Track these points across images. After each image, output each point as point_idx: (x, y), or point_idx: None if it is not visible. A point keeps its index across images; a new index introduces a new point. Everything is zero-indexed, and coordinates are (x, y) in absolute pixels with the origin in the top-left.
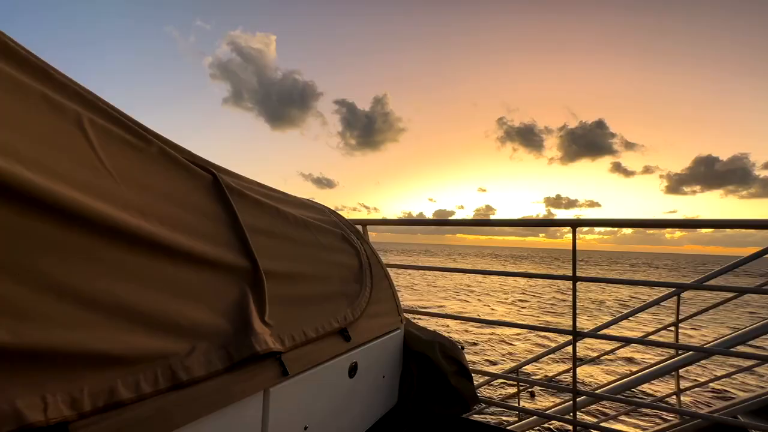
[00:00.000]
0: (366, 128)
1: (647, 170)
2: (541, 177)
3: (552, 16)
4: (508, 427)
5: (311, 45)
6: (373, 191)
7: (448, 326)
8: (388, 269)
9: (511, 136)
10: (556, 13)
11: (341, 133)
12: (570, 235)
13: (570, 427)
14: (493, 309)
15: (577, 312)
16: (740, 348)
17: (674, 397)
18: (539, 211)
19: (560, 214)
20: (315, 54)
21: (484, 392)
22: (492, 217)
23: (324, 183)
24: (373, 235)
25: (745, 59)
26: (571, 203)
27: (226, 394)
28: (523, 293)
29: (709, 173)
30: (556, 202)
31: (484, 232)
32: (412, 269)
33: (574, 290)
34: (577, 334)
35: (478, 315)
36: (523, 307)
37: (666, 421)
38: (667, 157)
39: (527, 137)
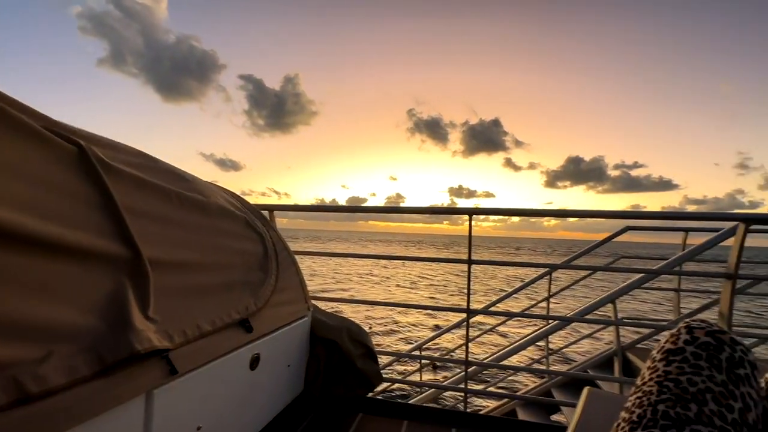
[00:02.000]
0: (276, 108)
1: (531, 166)
2: (445, 168)
3: (457, 19)
4: (409, 401)
5: (211, 10)
6: (284, 176)
7: (359, 311)
8: (296, 256)
9: (420, 127)
10: (462, 17)
11: (248, 111)
12: (475, 222)
13: (461, 395)
14: (392, 293)
15: (471, 292)
16: (589, 316)
17: (544, 359)
18: (444, 200)
19: (461, 202)
20: (216, 21)
21: (392, 370)
22: (402, 204)
23: (228, 165)
24: (284, 221)
25: (607, 68)
26: (470, 193)
27: (96, 403)
28: (423, 277)
29: (576, 171)
30: (459, 192)
31: (394, 219)
32: (321, 256)
33: (469, 272)
34: (470, 312)
35: (383, 299)
36: (426, 290)
37: (540, 378)
38: (547, 156)
39: (434, 130)
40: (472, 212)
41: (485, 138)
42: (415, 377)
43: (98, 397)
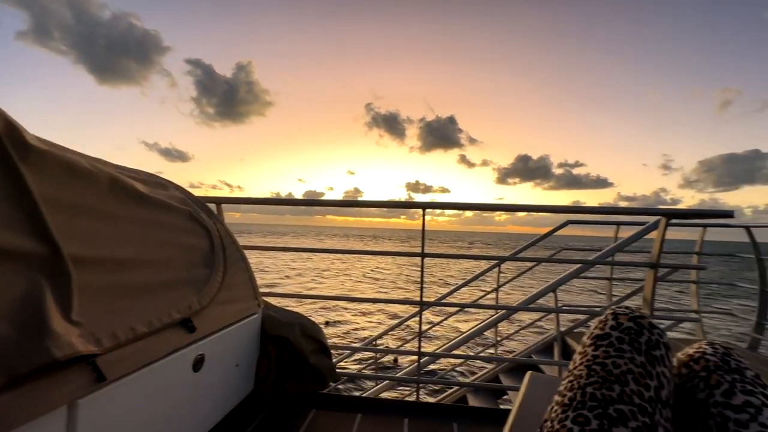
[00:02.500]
0: (227, 97)
1: (484, 163)
2: (403, 163)
3: (415, 16)
4: (363, 395)
5: None
6: (237, 168)
7: (314, 306)
8: (247, 252)
9: (377, 122)
10: (420, 15)
11: (196, 99)
12: (430, 217)
13: (415, 386)
14: (349, 287)
15: (426, 285)
16: (533, 305)
17: (493, 347)
18: (402, 195)
19: (418, 197)
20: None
21: (349, 364)
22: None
23: (175, 155)
24: (237, 216)
25: (553, 72)
26: (427, 189)
27: (7, 418)
28: (380, 271)
29: (525, 169)
30: (416, 187)
31: (352, 214)
32: (274, 250)
33: (422, 266)
34: (423, 304)
35: (339, 293)
36: (383, 284)
37: (489, 364)
38: (498, 153)
39: (392, 125)
40: (425, 206)
41: (441, 135)
42: (372, 370)
43: (10, 411)
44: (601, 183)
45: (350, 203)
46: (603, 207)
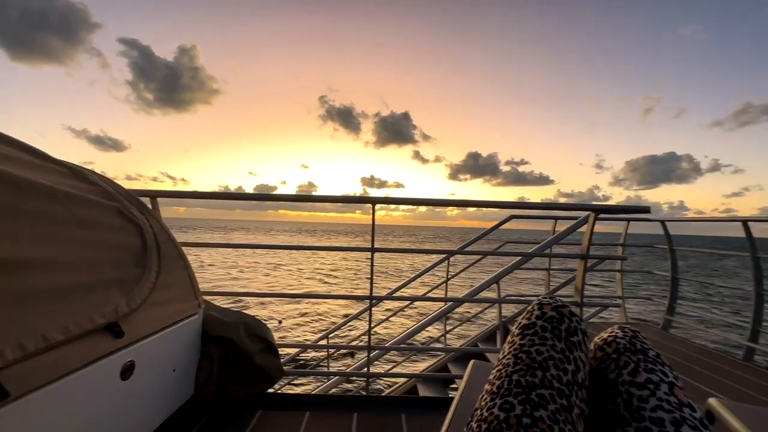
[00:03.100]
0: (168, 82)
1: (437, 159)
2: (358, 158)
3: (371, 10)
4: (313, 392)
5: None
6: (181, 160)
7: (263, 304)
8: (189, 249)
9: (332, 115)
10: (375, 10)
11: (132, 83)
12: (385, 212)
13: (365, 380)
14: (301, 284)
15: (374, 279)
16: (478, 296)
17: (442, 337)
18: (357, 189)
19: (373, 192)
20: None
21: (299, 362)
22: (315, 193)
23: (108, 144)
24: (181, 210)
25: (501, 71)
26: (382, 183)
27: None
28: (335, 266)
29: (475, 165)
30: (370, 182)
31: (306, 208)
32: (218, 247)
33: (372, 260)
34: (373, 299)
35: (285, 290)
36: (336, 279)
37: (438, 355)
38: (451, 150)
39: (346, 119)
40: (374, 201)
41: (395, 130)
42: (325, 367)
43: None
44: (543, 180)
45: (299, 198)
46: (540, 203)
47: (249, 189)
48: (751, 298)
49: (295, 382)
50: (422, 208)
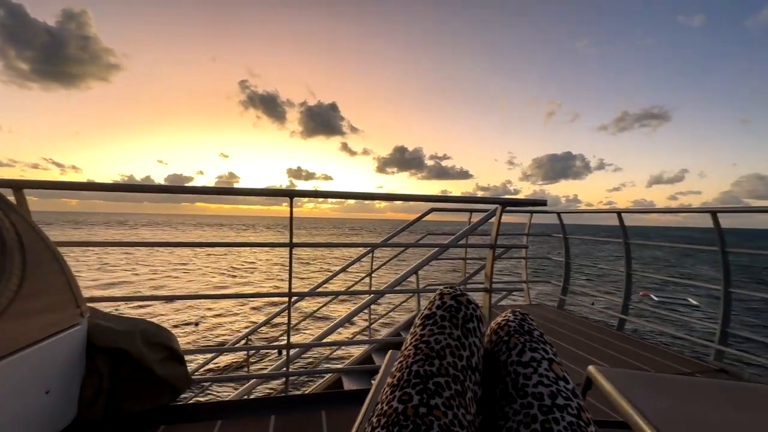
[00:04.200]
0: (48, 51)
1: (365, 152)
2: (284, 148)
3: None
4: (228, 398)
5: None
6: (71, 144)
7: (175, 307)
8: (68, 248)
9: (254, 102)
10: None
11: None
12: (313, 205)
13: (284, 380)
14: (212, 282)
15: (302, 275)
16: (399, 287)
17: (367, 329)
18: (283, 181)
19: (301, 184)
20: None
21: (211, 368)
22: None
23: None
24: (74, 203)
25: (426, 67)
26: (310, 175)
27: None
28: (254, 263)
29: (401, 159)
30: (298, 173)
31: (227, 201)
32: (107, 246)
33: (291, 256)
34: (292, 295)
35: (200, 291)
36: (258, 277)
37: (363, 346)
38: (378, 143)
39: (270, 107)
40: (292, 195)
41: (323, 121)
42: (245, 371)
43: None
44: (463, 174)
45: (207, 190)
46: (456, 197)
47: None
48: (624, 278)
49: (214, 390)
50: (350, 201)
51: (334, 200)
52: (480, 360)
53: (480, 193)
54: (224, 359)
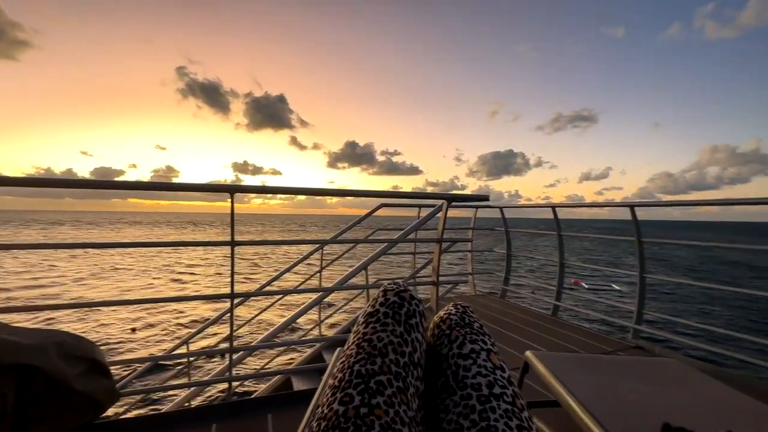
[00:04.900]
0: None
1: (316, 146)
2: (228, 141)
3: None
4: (163, 409)
5: None
6: None
7: (108, 313)
8: None
9: (194, 90)
10: None
11: None
12: (262, 201)
13: (226, 385)
14: (149, 285)
15: (235, 275)
16: (348, 284)
17: (317, 327)
18: (228, 176)
19: (248, 179)
20: None
21: (146, 380)
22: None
23: None
24: None
25: (377, 62)
26: (257, 170)
27: None
28: (196, 264)
29: (353, 154)
30: (244, 168)
31: (165, 197)
32: (26, 249)
33: (233, 255)
34: (235, 296)
35: (134, 296)
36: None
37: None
38: (329, 138)
39: (212, 96)
40: (233, 190)
41: (270, 113)
42: (184, 379)
43: None
44: (413, 170)
45: (142, 185)
46: (405, 192)
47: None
48: (556, 267)
49: (151, 401)
50: (301, 197)
51: (283, 196)
52: (422, 355)
53: (429, 189)
54: (163, 367)
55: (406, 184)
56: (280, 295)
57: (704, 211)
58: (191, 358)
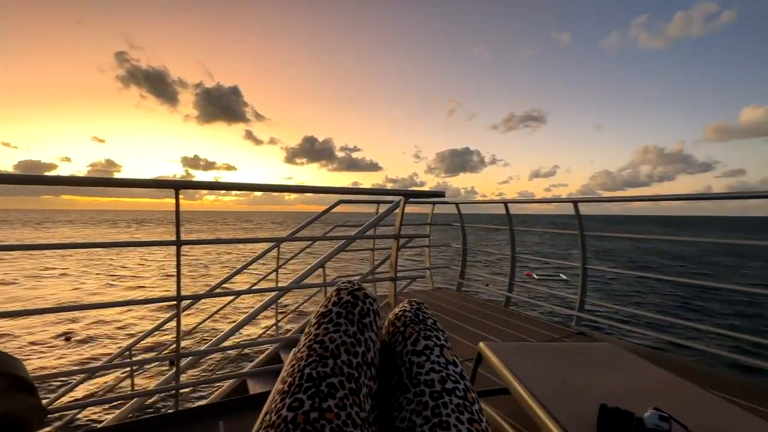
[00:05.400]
0: None
1: (272, 141)
2: (177, 134)
3: None
4: (101, 425)
5: None
6: None
7: (43, 323)
8: None
9: (136, 78)
10: None
11: None
12: (215, 197)
13: (173, 393)
14: (89, 288)
15: (181, 276)
16: (305, 282)
17: (274, 327)
18: (177, 171)
19: (199, 175)
20: None
21: (78, 394)
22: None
23: None
24: None
25: (338, 57)
26: (210, 165)
27: None
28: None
29: (311, 150)
30: (195, 162)
31: (105, 194)
32: None
33: (179, 255)
34: (182, 299)
35: (66, 302)
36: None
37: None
38: (286, 132)
39: (158, 86)
40: (178, 186)
41: (223, 105)
42: (126, 390)
43: None
44: (373, 167)
45: (75, 181)
46: (362, 188)
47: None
48: (509, 261)
49: (90, 415)
50: (258, 193)
51: (238, 192)
52: (376, 354)
53: (389, 185)
54: (103, 379)
55: (366, 180)
56: (234, 297)
57: (637, 206)
58: (134, 367)
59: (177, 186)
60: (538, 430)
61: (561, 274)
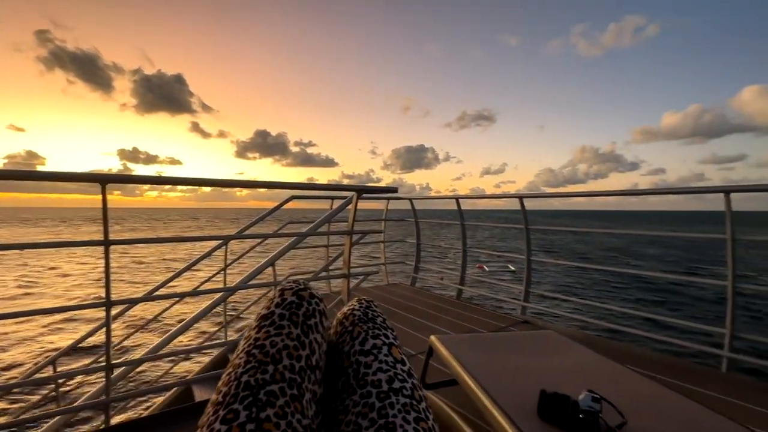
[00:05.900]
0: None
1: (222, 134)
2: (112, 124)
3: None
4: None
5: None
6: None
7: None
8: None
9: (62, 61)
10: None
11: None
12: (158, 193)
13: (103, 409)
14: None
15: (111, 279)
16: (254, 281)
17: (222, 329)
18: (113, 165)
19: (139, 169)
20: None
21: (4, 406)
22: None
23: None
24: None
25: (295, 50)
26: (151, 158)
27: None
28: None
29: (264, 144)
30: (134, 155)
31: (25, 188)
32: None
33: (107, 256)
34: (112, 304)
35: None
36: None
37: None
38: (237, 125)
39: (89, 70)
40: (105, 181)
41: (166, 94)
42: (52, 406)
43: None
44: (329, 162)
45: None
46: (314, 184)
47: None
48: (460, 254)
49: None
50: (205, 189)
51: (185, 188)
52: (322, 356)
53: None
54: (23, 396)
55: (322, 176)
56: (177, 299)
57: (575, 201)
58: (59, 381)
59: (103, 180)
60: (485, 418)
61: (510, 266)
